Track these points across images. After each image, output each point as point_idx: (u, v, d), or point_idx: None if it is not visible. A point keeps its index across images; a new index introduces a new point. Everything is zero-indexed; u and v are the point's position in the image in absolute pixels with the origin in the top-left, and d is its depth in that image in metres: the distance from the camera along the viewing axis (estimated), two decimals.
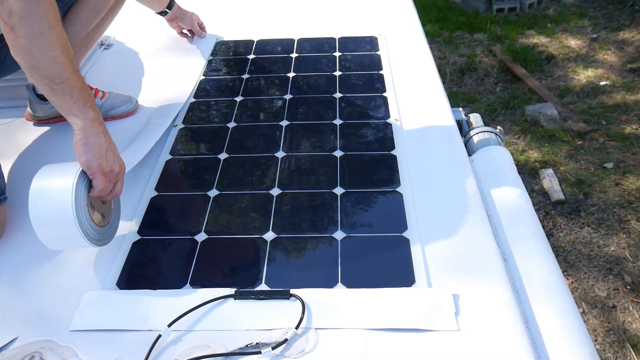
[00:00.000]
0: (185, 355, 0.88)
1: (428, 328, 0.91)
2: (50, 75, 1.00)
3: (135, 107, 1.58)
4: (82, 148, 1.02)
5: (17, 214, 1.22)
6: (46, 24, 0.99)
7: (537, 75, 4.03)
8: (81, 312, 0.97)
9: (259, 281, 1.02)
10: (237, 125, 1.48)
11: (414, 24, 1.98)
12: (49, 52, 0.99)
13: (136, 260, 1.09)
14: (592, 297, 2.33)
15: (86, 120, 1.03)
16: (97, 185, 1.02)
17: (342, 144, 1.38)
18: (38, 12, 0.98)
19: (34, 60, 0.99)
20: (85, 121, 1.03)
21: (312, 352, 0.88)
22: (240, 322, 0.93)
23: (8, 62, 1.36)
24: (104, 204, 1.08)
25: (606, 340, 2.15)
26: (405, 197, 1.19)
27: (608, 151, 3.19)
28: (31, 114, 1.54)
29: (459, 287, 0.98)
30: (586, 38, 4.43)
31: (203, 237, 1.13)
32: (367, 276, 1.02)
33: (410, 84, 1.62)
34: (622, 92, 3.74)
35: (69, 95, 1.02)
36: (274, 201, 1.21)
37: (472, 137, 1.56)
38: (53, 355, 0.89)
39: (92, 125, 1.03)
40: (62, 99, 1.02)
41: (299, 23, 2.04)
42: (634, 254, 2.50)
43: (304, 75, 1.70)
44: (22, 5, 0.96)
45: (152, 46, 1.94)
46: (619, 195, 2.84)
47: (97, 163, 1.01)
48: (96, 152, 1.02)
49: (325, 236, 1.11)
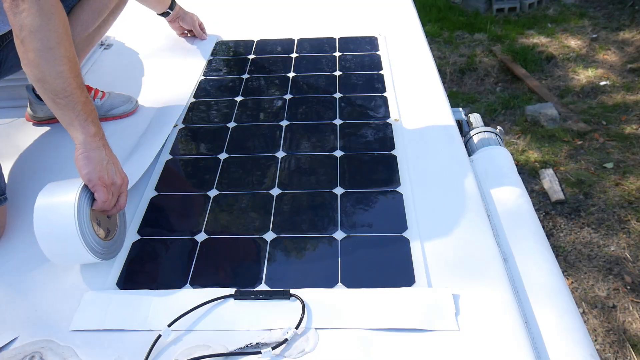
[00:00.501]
0: (185, 355, 0.88)
1: (428, 328, 0.91)
2: (55, 89, 1.02)
3: (135, 107, 1.58)
4: (83, 162, 1.03)
5: (17, 214, 1.22)
6: (55, 39, 1.00)
7: (537, 75, 4.03)
8: (81, 312, 0.97)
9: (259, 281, 1.02)
10: (237, 125, 1.48)
11: (414, 24, 1.98)
12: (56, 66, 1.01)
13: (136, 260, 1.09)
14: (592, 297, 2.33)
15: (87, 135, 1.04)
16: (99, 198, 1.03)
17: (342, 144, 1.38)
18: (49, 27, 0.99)
19: (41, 74, 1.01)
20: (86, 136, 1.04)
21: (312, 352, 0.88)
22: (240, 322, 0.93)
23: (8, 63, 1.36)
24: (109, 219, 1.09)
25: (606, 340, 2.15)
26: (405, 197, 1.19)
27: (608, 151, 3.19)
28: (31, 114, 1.54)
29: (459, 287, 0.98)
30: (586, 38, 4.43)
31: (203, 237, 1.13)
32: (367, 276, 1.02)
33: (410, 84, 1.62)
34: (622, 92, 3.74)
35: (72, 109, 1.03)
36: (274, 201, 1.21)
37: (472, 137, 1.56)
38: (53, 355, 0.89)
39: (93, 140, 1.05)
40: (65, 113, 1.04)
41: (299, 23, 2.04)
42: (634, 254, 2.50)
43: (304, 75, 1.70)
44: (33, 20, 0.98)
45: (152, 46, 1.94)
46: (619, 195, 2.84)
47: (97, 175, 1.03)
48: (96, 165, 1.03)
49: (325, 236, 1.11)
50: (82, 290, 1.02)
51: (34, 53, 0.99)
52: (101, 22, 1.53)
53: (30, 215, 1.21)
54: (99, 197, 1.03)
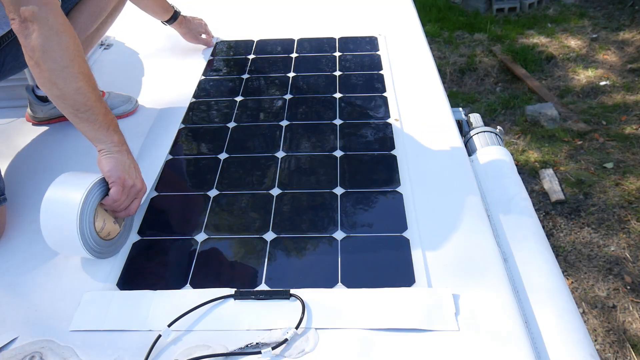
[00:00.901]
0: (185, 355, 0.88)
1: (428, 328, 0.91)
2: (76, 104, 1.05)
3: (135, 107, 1.58)
4: (106, 161, 1.06)
5: (17, 214, 1.22)
6: (68, 57, 1.02)
7: (537, 75, 4.03)
8: (81, 312, 0.97)
9: (259, 281, 1.02)
10: (237, 125, 1.48)
11: (414, 24, 1.98)
12: (73, 83, 1.03)
13: (136, 260, 1.09)
14: (592, 297, 2.33)
15: (111, 144, 1.08)
16: (113, 194, 1.04)
17: (342, 144, 1.38)
18: (60, 46, 1.01)
19: (60, 91, 1.04)
20: (110, 145, 1.07)
21: (312, 352, 0.88)
22: (240, 322, 0.93)
23: (7, 66, 1.36)
24: (116, 220, 1.09)
25: (606, 340, 2.15)
26: (405, 197, 1.19)
27: (608, 151, 3.19)
28: (31, 115, 1.54)
29: (459, 287, 0.98)
30: (586, 38, 4.43)
31: (203, 237, 1.13)
32: (367, 276, 1.02)
33: (410, 84, 1.62)
34: (622, 92, 3.74)
35: (94, 122, 1.06)
36: (274, 201, 1.21)
37: (472, 137, 1.56)
38: (53, 355, 0.89)
39: (116, 146, 1.08)
40: (87, 125, 1.07)
41: (299, 23, 2.04)
42: (634, 254, 2.50)
43: (304, 75, 1.70)
44: (44, 41, 1.00)
45: (152, 46, 1.94)
46: (619, 195, 2.84)
47: (119, 174, 1.05)
48: (119, 165, 1.06)
49: (326, 236, 1.11)
50: (82, 290, 1.02)
51: (49, 73, 1.02)
52: (99, 24, 1.53)
53: (30, 216, 1.21)
54: (114, 192, 1.04)
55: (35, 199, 1.23)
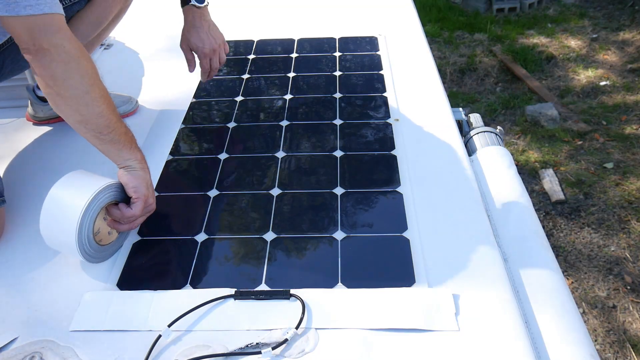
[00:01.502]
0: (185, 355, 0.88)
1: (428, 328, 0.91)
2: (98, 128, 1.04)
3: (135, 107, 1.58)
4: (132, 177, 1.06)
5: (17, 214, 1.22)
6: (88, 82, 1.01)
7: (537, 76, 4.03)
8: (81, 313, 0.97)
9: (259, 281, 1.02)
10: (238, 125, 1.48)
11: (414, 24, 1.98)
12: (95, 108, 1.02)
13: (136, 260, 1.09)
14: (592, 297, 2.33)
15: (136, 161, 1.08)
16: (135, 210, 1.05)
17: (342, 144, 1.38)
18: (79, 72, 1.00)
19: (82, 117, 1.03)
20: (135, 162, 1.08)
21: (312, 352, 0.88)
22: (240, 322, 0.93)
23: (6, 69, 1.36)
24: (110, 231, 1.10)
25: (606, 341, 2.15)
26: (405, 197, 1.19)
27: (608, 151, 3.19)
28: (32, 114, 1.54)
29: (459, 287, 0.98)
30: (586, 38, 4.43)
31: (203, 237, 1.13)
32: (367, 276, 1.02)
33: (410, 84, 1.62)
34: (622, 92, 3.74)
35: (117, 142, 1.06)
36: (274, 201, 1.21)
37: (472, 137, 1.56)
38: (53, 355, 0.89)
39: (140, 163, 1.09)
40: (111, 146, 1.07)
41: (299, 23, 2.04)
42: (634, 254, 2.50)
43: (304, 75, 1.70)
44: (64, 68, 0.98)
45: (152, 46, 1.94)
46: (619, 195, 2.84)
47: (144, 191, 1.06)
48: (144, 182, 1.07)
49: (326, 236, 1.11)
50: (82, 290, 1.02)
51: (72, 100, 1.01)
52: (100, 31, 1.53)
53: (30, 216, 1.21)
54: (136, 209, 1.05)
55: (36, 199, 1.23)
